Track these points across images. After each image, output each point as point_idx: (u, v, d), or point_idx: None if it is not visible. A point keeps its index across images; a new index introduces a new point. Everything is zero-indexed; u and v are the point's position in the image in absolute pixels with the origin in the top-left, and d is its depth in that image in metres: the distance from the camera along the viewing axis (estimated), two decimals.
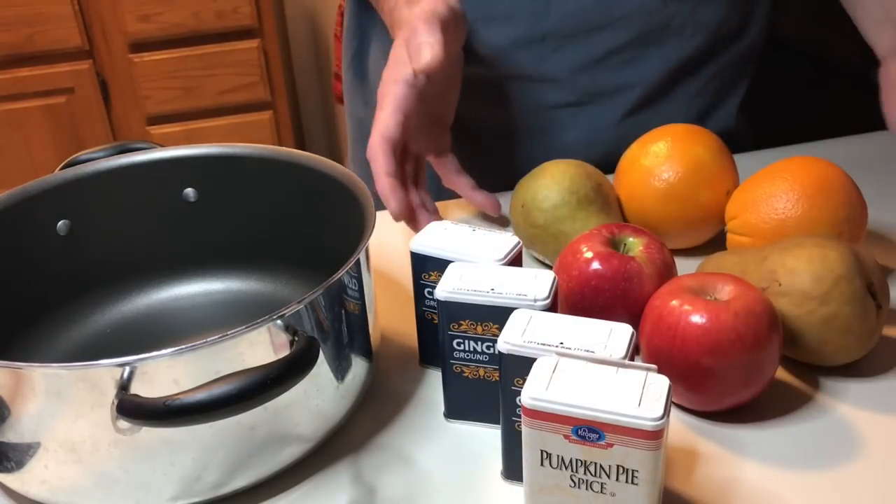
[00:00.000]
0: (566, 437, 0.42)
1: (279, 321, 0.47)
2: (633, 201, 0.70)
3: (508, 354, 0.47)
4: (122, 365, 0.44)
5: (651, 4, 0.80)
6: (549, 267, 0.69)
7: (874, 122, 0.85)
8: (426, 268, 0.57)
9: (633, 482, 0.42)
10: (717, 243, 0.70)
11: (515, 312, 0.49)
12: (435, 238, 0.57)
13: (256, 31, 1.96)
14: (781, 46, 0.99)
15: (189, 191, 0.66)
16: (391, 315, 0.65)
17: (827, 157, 0.65)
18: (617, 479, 0.43)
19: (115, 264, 0.65)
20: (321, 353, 0.47)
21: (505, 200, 0.75)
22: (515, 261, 0.57)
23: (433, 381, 0.59)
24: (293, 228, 0.65)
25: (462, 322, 0.52)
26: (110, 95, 1.95)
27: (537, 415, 0.42)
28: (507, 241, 0.57)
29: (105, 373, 0.44)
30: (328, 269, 0.50)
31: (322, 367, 0.49)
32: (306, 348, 0.45)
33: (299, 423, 0.51)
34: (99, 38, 1.90)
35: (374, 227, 0.54)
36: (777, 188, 0.63)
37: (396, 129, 0.65)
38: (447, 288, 0.52)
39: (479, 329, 0.52)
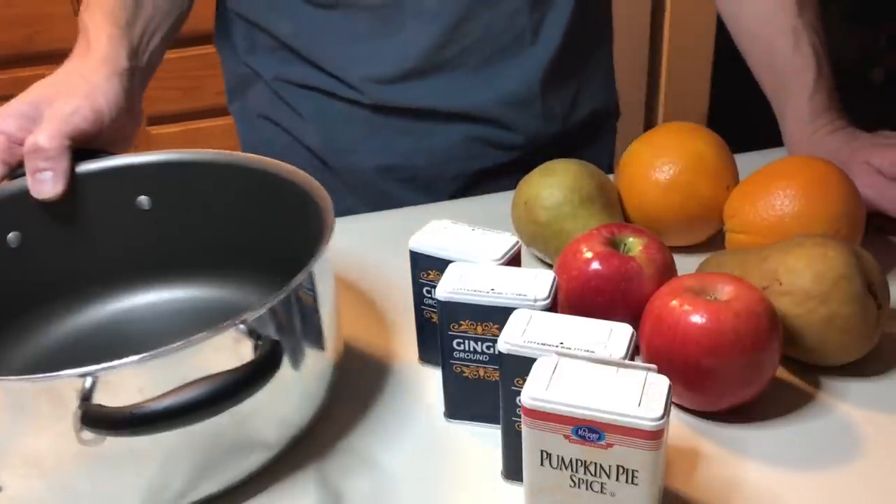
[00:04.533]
0: (566, 437, 0.42)
1: (242, 326, 0.46)
2: (635, 194, 0.70)
3: (508, 354, 0.47)
4: (85, 375, 0.43)
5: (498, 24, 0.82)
6: (550, 265, 0.69)
7: (873, 122, 0.85)
8: (425, 267, 0.57)
9: (633, 482, 0.42)
10: (717, 242, 0.70)
11: (515, 312, 0.49)
12: (434, 237, 0.57)
13: None
14: None
15: (143, 198, 0.64)
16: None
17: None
18: (617, 479, 0.43)
19: (70, 275, 0.64)
20: (286, 357, 0.47)
21: (506, 200, 0.75)
22: (514, 261, 0.57)
23: (433, 381, 0.59)
24: (251, 234, 0.64)
25: (462, 322, 0.52)
26: None
27: (537, 415, 0.42)
28: (505, 240, 0.57)
29: (67, 384, 0.43)
30: (289, 273, 0.50)
31: (287, 371, 0.48)
32: (271, 352, 0.45)
33: (264, 429, 0.51)
34: None
35: (333, 229, 0.54)
36: (775, 185, 0.63)
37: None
38: (447, 288, 0.51)
39: (479, 329, 0.52)
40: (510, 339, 0.47)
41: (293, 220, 0.59)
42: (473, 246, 0.56)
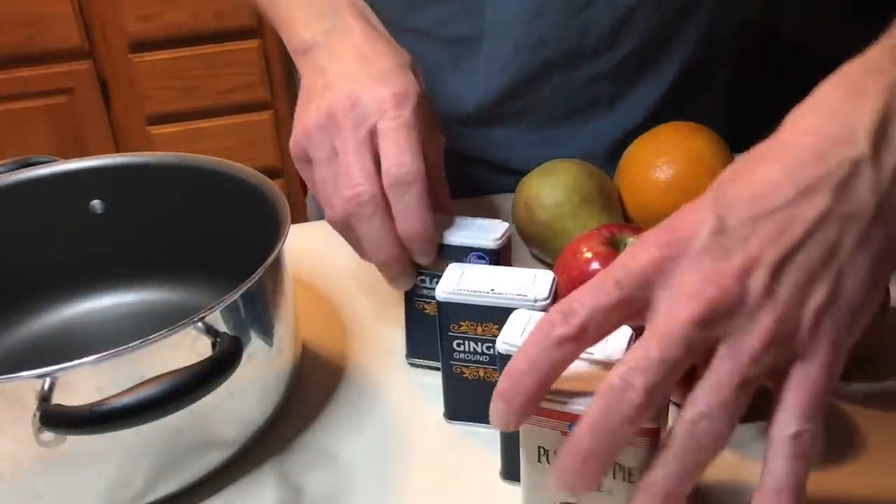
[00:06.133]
0: (564, 433, 0.42)
1: (200, 324, 0.46)
2: (635, 193, 0.70)
3: (507, 355, 0.46)
4: (43, 376, 0.43)
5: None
6: (550, 266, 0.69)
7: None
8: None
9: (629, 480, 0.42)
10: None
11: (515, 313, 0.49)
12: None
13: (256, 31, 1.96)
14: (780, 46, 0.99)
15: (95, 202, 0.64)
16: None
17: None
18: (614, 478, 0.42)
19: (22, 281, 0.64)
20: (245, 353, 0.47)
21: (507, 200, 0.75)
22: (508, 244, 0.56)
23: (427, 381, 0.59)
24: (205, 236, 0.64)
25: (462, 323, 0.52)
26: (110, 95, 1.95)
27: (533, 412, 0.42)
28: (497, 225, 0.57)
29: (26, 385, 0.43)
30: (244, 275, 0.50)
31: (245, 368, 0.48)
32: (230, 348, 0.45)
33: (224, 426, 0.51)
34: (99, 38, 1.89)
35: (289, 227, 0.54)
36: None
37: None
38: (447, 289, 0.51)
39: (479, 329, 0.52)
40: (509, 340, 0.47)
41: (249, 221, 0.59)
42: (465, 232, 0.56)
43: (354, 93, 0.55)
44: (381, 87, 0.55)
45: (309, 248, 0.69)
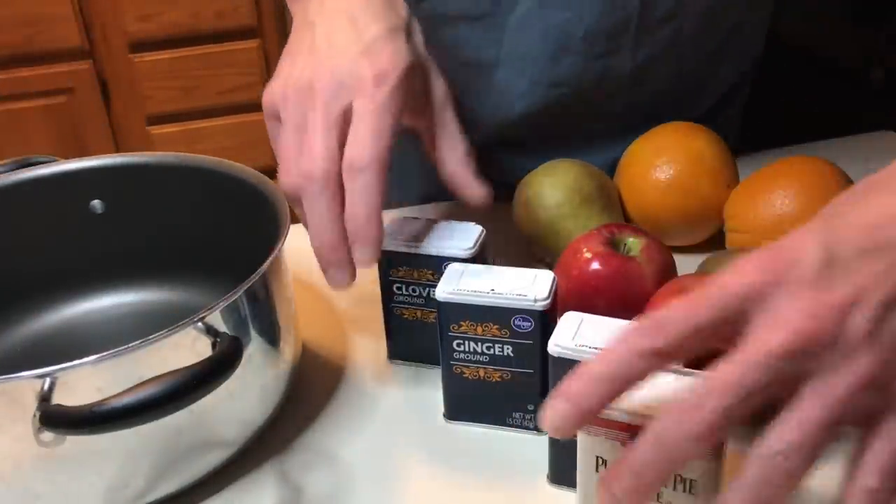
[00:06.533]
0: (624, 443, 0.41)
1: (200, 324, 0.46)
2: (635, 193, 0.70)
3: (559, 358, 0.46)
4: (43, 376, 0.43)
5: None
6: (550, 266, 0.69)
7: (874, 122, 0.85)
8: (392, 264, 0.57)
9: (690, 492, 0.41)
10: (717, 242, 0.70)
11: (567, 315, 0.48)
12: (398, 232, 0.57)
13: (256, 31, 1.96)
14: (781, 46, 0.99)
15: (96, 202, 0.64)
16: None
17: (826, 157, 0.65)
18: (674, 489, 0.41)
19: (22, 281, 0.64)
20: (245, 353, 0.47)
21: (507, 200, 0.75)
22: (483, 249, 0.57)
23: (427, 381, 0.59)
24: (205, 236, 0.64)
25: (462, 323, 0.52)
26: (110, 95, 1.95)
27: (593, 420, 0.41)
28: (471, 230, 0.57)
29: (25, 385, 0.43)
30: (243, 275, 0.50)
31: (246, 368, 0.48)
32: (230, 348, 0.45)
33: (224, 426, 0.51)
34: (99, 38, 1.89)
35: (289, 227, 0.54)
36: (775, 184, 0.63)
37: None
38: (447, 289, 0.51)
39: (479, 329, 0.52)
40: (561, 343, 0.46)
41: (249, 221, 0.59)
42: (439, 240, 0.56)
43: (336, 68, 0.54)
44: (365, 62, 0.54)
45: (309, 248, 0.68)
